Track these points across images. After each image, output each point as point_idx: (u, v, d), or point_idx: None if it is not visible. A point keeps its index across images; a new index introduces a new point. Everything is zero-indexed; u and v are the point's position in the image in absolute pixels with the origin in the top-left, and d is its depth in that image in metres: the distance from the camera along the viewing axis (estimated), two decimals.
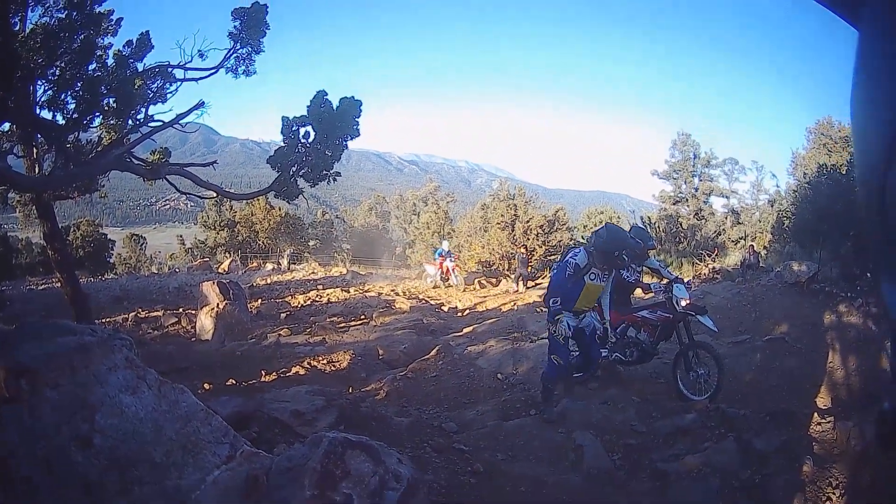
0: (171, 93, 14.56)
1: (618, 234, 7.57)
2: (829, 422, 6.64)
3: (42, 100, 13.07)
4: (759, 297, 13.38)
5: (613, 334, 8.46)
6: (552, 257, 30.88)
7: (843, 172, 15.61)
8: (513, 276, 27.00)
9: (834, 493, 5.15)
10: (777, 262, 21.40)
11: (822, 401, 8.23)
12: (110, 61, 13.90)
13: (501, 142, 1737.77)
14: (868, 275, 13.73)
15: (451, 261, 25.66)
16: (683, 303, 8.16)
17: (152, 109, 14.54)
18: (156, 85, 14.29)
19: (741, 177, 42.80)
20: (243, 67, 14.65)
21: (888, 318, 0.99)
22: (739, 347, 9.54)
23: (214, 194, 16.53)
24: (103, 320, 15.59)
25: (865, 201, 0.98)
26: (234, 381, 8.97)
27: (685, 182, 42.84)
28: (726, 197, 43.08)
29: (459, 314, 18.87)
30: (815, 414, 7.10)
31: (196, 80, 14.53)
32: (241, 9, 14.21)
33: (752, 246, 25.60)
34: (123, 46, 13.89)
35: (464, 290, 23.93)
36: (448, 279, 25.38)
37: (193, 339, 13.67)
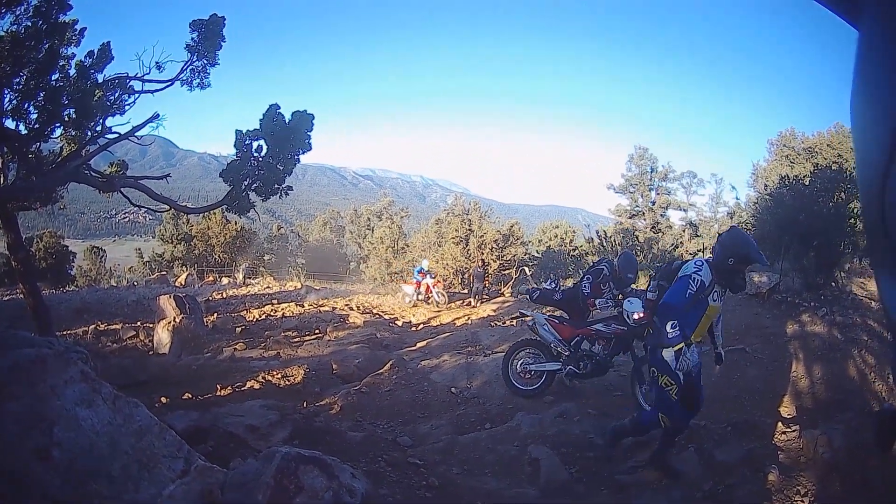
0: (129, 105, 14.36)
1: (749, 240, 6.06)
2: (794, 431, 6.71)
3: (7, 109, 12.89)
4: None
5: (567, 348, 8.47)
6: (507, 272, 31.64)
7: (806, 183, 15.79)
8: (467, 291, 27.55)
9: (803, 501, 5.17)
10: None
11: (787, 410, 8.28)
12: (72, 72, 13.74)
13: (457, 157, 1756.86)
14: (832, 284, 13.89)
15: (431, 278, 25.27)
16: (636, 316, 7.94)
17: (110, 121, 14.31)
18: (115, 96, 14.12)
19: (699, 190, 43.16)
20: (198, 80, 14.47)
21: (888, 319, 0.99)
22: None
23: (168, 208, 16.34)
24: (65, 333, 15.42)
25: (866, 202, 0.99)
26: (190, 395, 8.94)
27: (642, 196, 43.23)
28: (684, 210, 43.41)
29: (413, 328, 19.01)
30: (780, 423, 7.17)
31: (152, 92, 14.33)
32: (199, 21, 14.11)
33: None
34: (85, 57, 13.72)
35: (448, 308, 23.56)
36: (429, 297, 24.83)
37: (151, 353, 13.67)
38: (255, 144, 14.29)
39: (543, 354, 8.71)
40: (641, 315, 7.62)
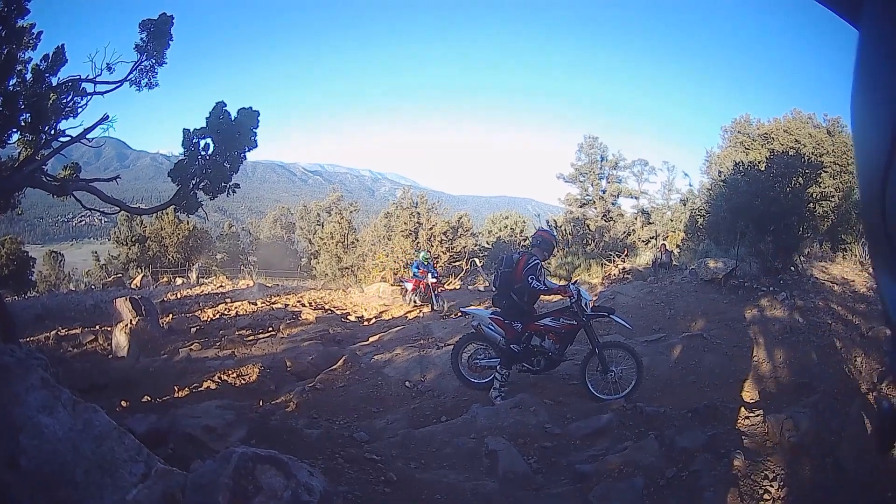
0: (81, 107, 14.20)
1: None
2: (757, 415, 6.73)
3: None
4: (673, 295, 13.65)
5: (518, 345, 8.41)
6: (457, 263, 31.83)
7: (762, 169, 15.90)
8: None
9: (772, 486, 5.14)
10: (691, 260, 22.05)
11: (749, 395, 8.33)
12: (28, 76, 13.54)
13: (405, 151, 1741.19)
14: (792, 268, 14.01)
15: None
16: (591, 304, 8.36)
17: (63, 124, 14.19)
18: (68, 99, 13.96)
19: (651, 177, 44.06)
20: (146, 80, 14.45)
21: (888, 319, 0.99)
22: (654, 346, 9.62)
23: (119, 209, 16.17)
24: (28, 339, 15.19)
25: (866, 201, 0.98)
26: (149, 398, 8.87)
27: (592, 184, 43.92)
28: (635, 198, 44.38)
29: (365, 323, 19.01)
30: (742, 408, 7.19)
31: (103, 93, 14.24)
32: (148, 20, 14.08)
33: (664, 245, 26.06)
34: (41, 61, 13.55)
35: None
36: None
37: (110, 356, 13.45)
38: (202, 143, 14.33)
39: (493, 349, 8.73)
40: (592, 302, 8.24)
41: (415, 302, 21.77)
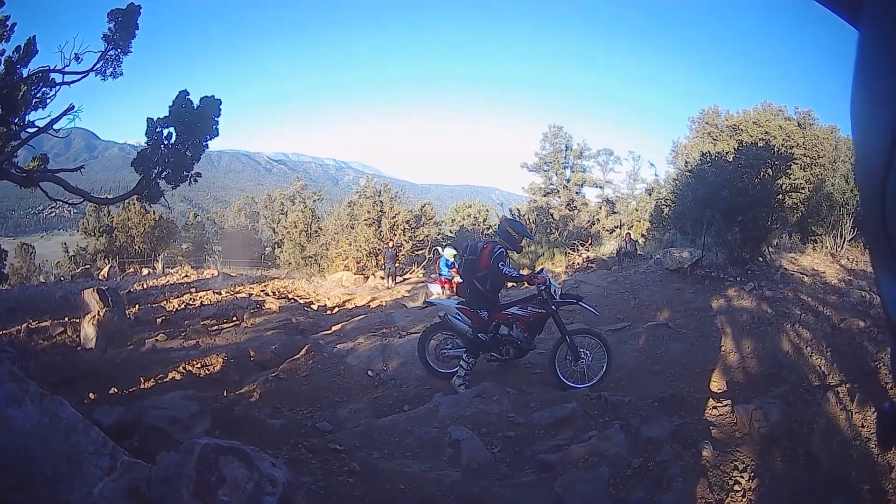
0: (50, 98, 14.04)
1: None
2: (725, 405, 6.71)
3: None
4: (637, 284, 13.76)
5: (485, 334, 8.39)
6: (419, 252, 32.07)
7: (730, 160, 16.03)
8: (381, 273, 27.53)
9: (742, 477, 5.13)
10: (656, 250, 22.08)
11: (716, 385, 8.36)
12: (0, 68, 13.37)
13: (370, 140, 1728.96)
14: (760, 259, 14.10)
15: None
16: (559, 292, 8.39)
17: (32, 115, 13.96)
18: (38, 91, 13.80)
19: (616, 167, 44.62)
20: (111, 70, 14.32)
21: (888, 319, 0.96)
22: (619, 335, 9.59)
23: (82, 200, 16.03)
24: (0, 332, 15.03)
25: (866, 201, 0.97)
26: (115, 390, 8.79)
27: (556, 174, 44.37)
28: (600, 187, 45.02)
29: (328, 312, 19.22)
30: (710, 398, 7.17)
31: (70, 83, 14.07)
32: (117, 10, 13.94)
33: (629, 234, 25.98)
34: (13, 52, 13.37)
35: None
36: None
37: (79, 348, 13.36)
38: (165, 132, 14.23)
39: (460, 339, 8.68)
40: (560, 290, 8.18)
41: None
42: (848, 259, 18.33)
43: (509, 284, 10.01)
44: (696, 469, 5.20)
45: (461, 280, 8.88)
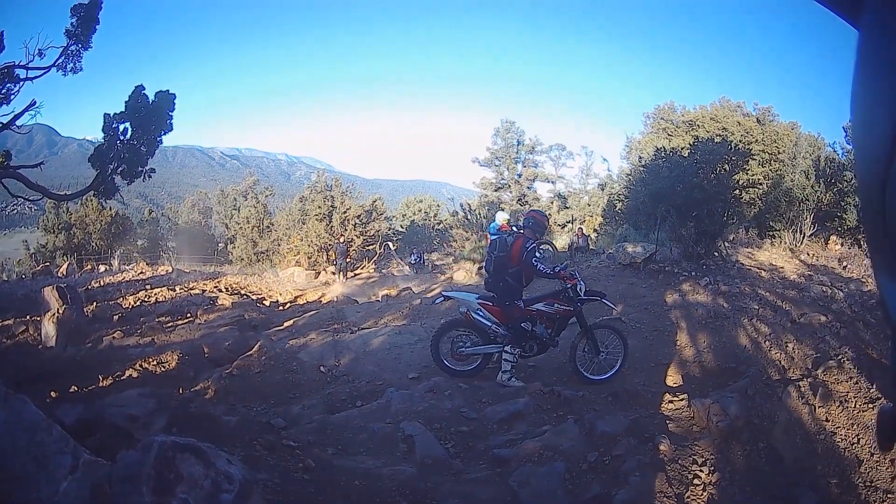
0: (14, 94, 13.86)
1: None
2: (682, 400, 6.80)
3: None
4: (590, 278, 13.45)
5: (506, 330, 8.34)
6: (370, 247, 32.22)
7: (685, 155, 16.10)
8: (332, 268, 27.64)
9: (702, 471, 5.17)
10: (609, 245, 22.09)
11: (672, 379, 8.41)
12: None
13: (321, 135, 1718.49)
14: (715, 254, 14.22)
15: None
16: (584, 289, 8.38)
17: None
18: (3, 87, 13.60)
19: (569, 162, 44.22)
20: (71, 65, 14.24)
21: (889, 319, 0.93)
22: (569, 330, 9.63)
23: (41, 196, 15.87)
24: None
25: (866, 201, 0.95)
26: (76, 388, 8.69)
27: (507, 168, 43.80)
28: (552, 182, 44.58)
29: (280, 308, 19.28)
30: (666, 393, 7.22)
31: (33, 79, 13.95)
32: (80, 5, 13.88)
33: (581, 229, 25.85)
34: None
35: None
36: None
37: (41, 346, 13.21)
38: (121, 127, 14.22)
39: (478, 336, 8.57)
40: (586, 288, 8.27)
41: None
42: (808, 254, 18.57)
43: None
44: (653, 463, 5.25)
45: (489, 276, 8.73)
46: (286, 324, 14.35)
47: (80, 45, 14.09)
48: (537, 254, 8.39)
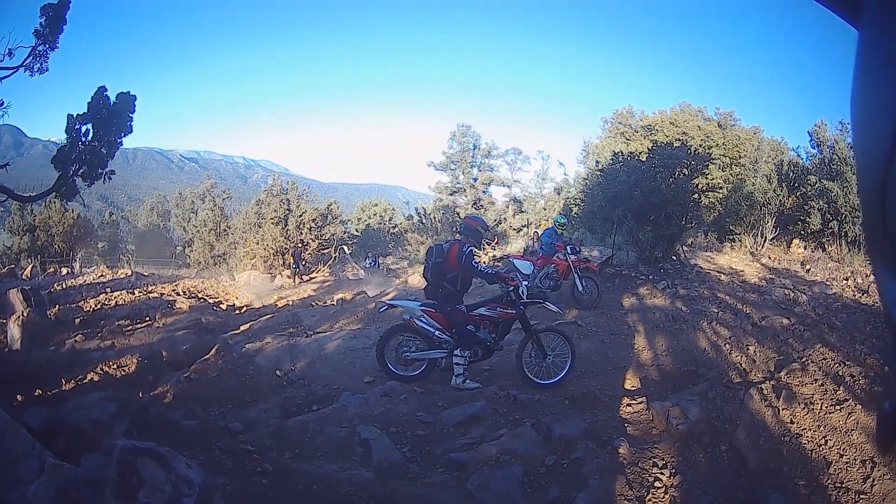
0: None
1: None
2: (640, 402, 6.83)
3: None
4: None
5: (449, 336, 8.41)
6: (326, 251, 32.03)
7: (644, 160, 16.20)
8: (288, 272, 27.85)
9: (663, 474, 5.18)
10: None
11: (630, 383, 8.44)
12: None
13: (278, 138, 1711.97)
14: (674, 257, 14.33)
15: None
16: (526, 292, 8.40)
17: None
18: None
19: (525, 166, 44.28)
20: (38, 65, 13.92)
21: (889, 320, 0.95)
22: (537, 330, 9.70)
23: (6, 197, 15.71)
24: None
25: (866, 202, 0.96)
26: (40, 391, 8.58)
27: (463, 172, 44.04)
28: (508, 186, 44.68)
29: (237, 311, 19.13)
30: (624, 396, 7.26)
31: (1, 79, 13.70)
32: (49, 4, 13.61)
33: (537, 233, 24.79)
34: None
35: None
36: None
37: (6, 349, 13.04)
38: (83, 129, 14.00)
39: (423, 341, 8.60)
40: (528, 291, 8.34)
41: (539, 285, 13.98)
42: (770, 258, 18.76)
43: None
44: (612, 466, 5.27)
45: (428, 283, 8.74)
46: (243, 327, 14.33)
47: (47, 46, 13.85)
48: (474, 257, 8.38)
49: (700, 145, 28.76)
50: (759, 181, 24.15)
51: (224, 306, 20.28)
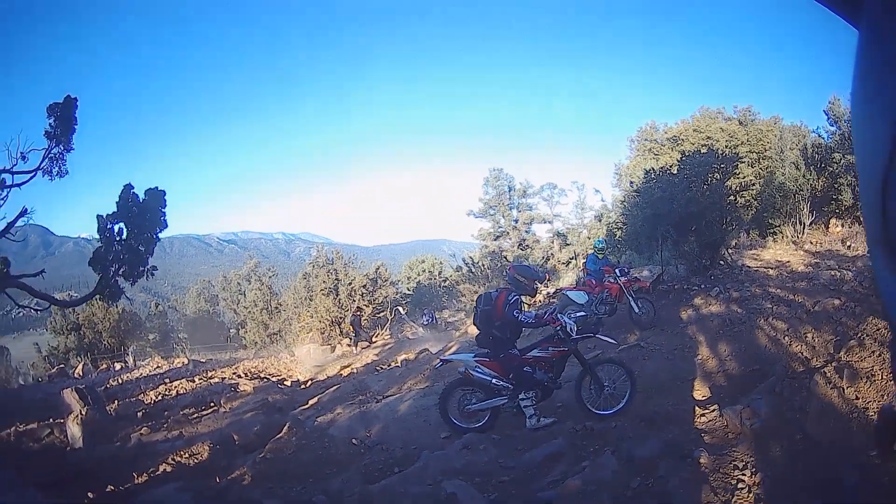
0: (3, 200, 13.86)
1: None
2: (713, 411, 6.80)
3: None
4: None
5: (508, 382, 8.39)
6: (381, 314, 32.04)
7: (675, 172, 16.12)
8: (347, 340, 27.86)
9: (744, 475, 5.16)
10: None
11: (700, 393, 8.44)
12: None
13: (315, 209, 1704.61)
14: (721, 262, 14.21)
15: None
16: (575, 328, 8.35)
17: None
18: None
19: (562, 199, 43.76)
20: (56, 168, 14.18)
21: (889, 320, 1.01)
22: (593, 362, 9.70)
23: (48, 304, 15.88)
24: None
25: (866, 202, 0.99)
26: (112, 488, 8.49)
27: (503, 216, 43.80)
28: (549, 222, 44.29)
29: (302, 387, 19.03)
30: (696, 408, 7.25)
31: (19, 185, 13.95)
32: (55, 105, 13.87)
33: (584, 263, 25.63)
34: None
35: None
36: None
37: (68, 448, 13.11)
38: (116, 228, 14.23)
39: (482, 392, 8.57)
40: (578, 326, 8.30)
41: (594, 313, 13.93)
42: (812, 243, 18.57)
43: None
44: (695, 477, 5.26)
45: (479, 331, 8.77)
46: (311, 402, 14.30)
47: (62, 147, 14.08)
48: (518, 306, 8.41)
49: (726, 146, 28.59)
50: (787, 170, 24.02)
51: (288, 383, 20.23)
